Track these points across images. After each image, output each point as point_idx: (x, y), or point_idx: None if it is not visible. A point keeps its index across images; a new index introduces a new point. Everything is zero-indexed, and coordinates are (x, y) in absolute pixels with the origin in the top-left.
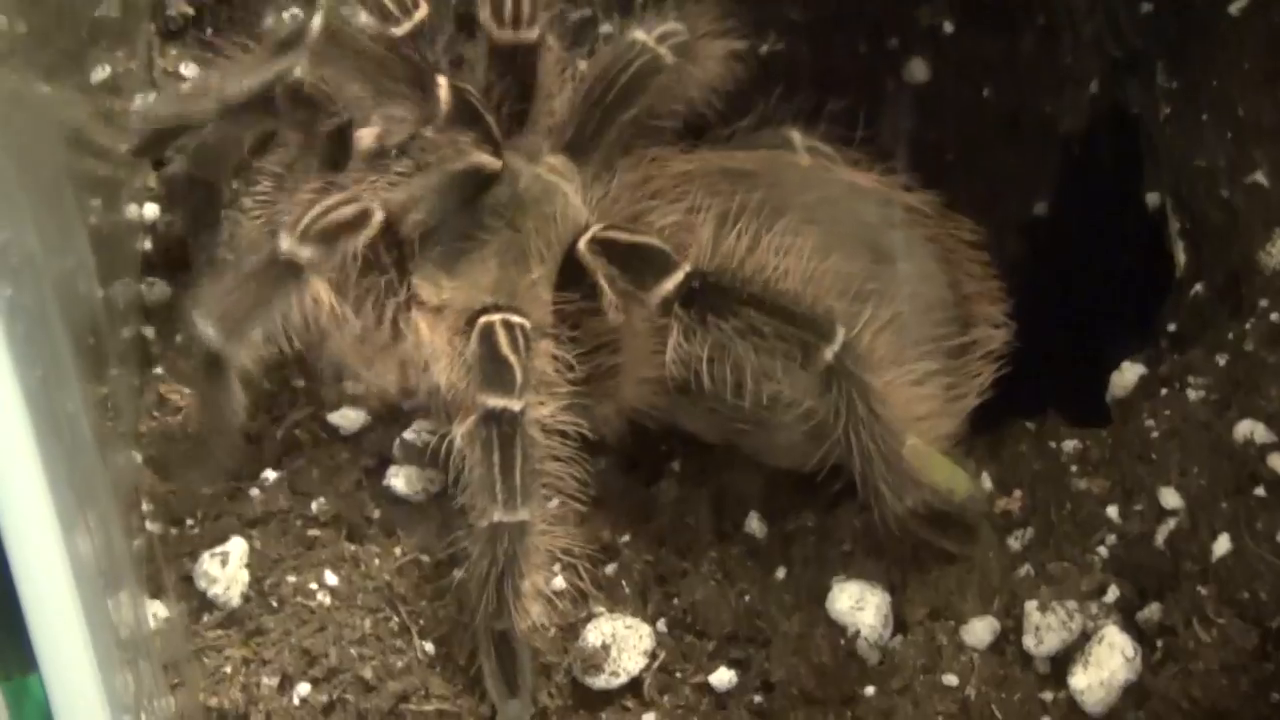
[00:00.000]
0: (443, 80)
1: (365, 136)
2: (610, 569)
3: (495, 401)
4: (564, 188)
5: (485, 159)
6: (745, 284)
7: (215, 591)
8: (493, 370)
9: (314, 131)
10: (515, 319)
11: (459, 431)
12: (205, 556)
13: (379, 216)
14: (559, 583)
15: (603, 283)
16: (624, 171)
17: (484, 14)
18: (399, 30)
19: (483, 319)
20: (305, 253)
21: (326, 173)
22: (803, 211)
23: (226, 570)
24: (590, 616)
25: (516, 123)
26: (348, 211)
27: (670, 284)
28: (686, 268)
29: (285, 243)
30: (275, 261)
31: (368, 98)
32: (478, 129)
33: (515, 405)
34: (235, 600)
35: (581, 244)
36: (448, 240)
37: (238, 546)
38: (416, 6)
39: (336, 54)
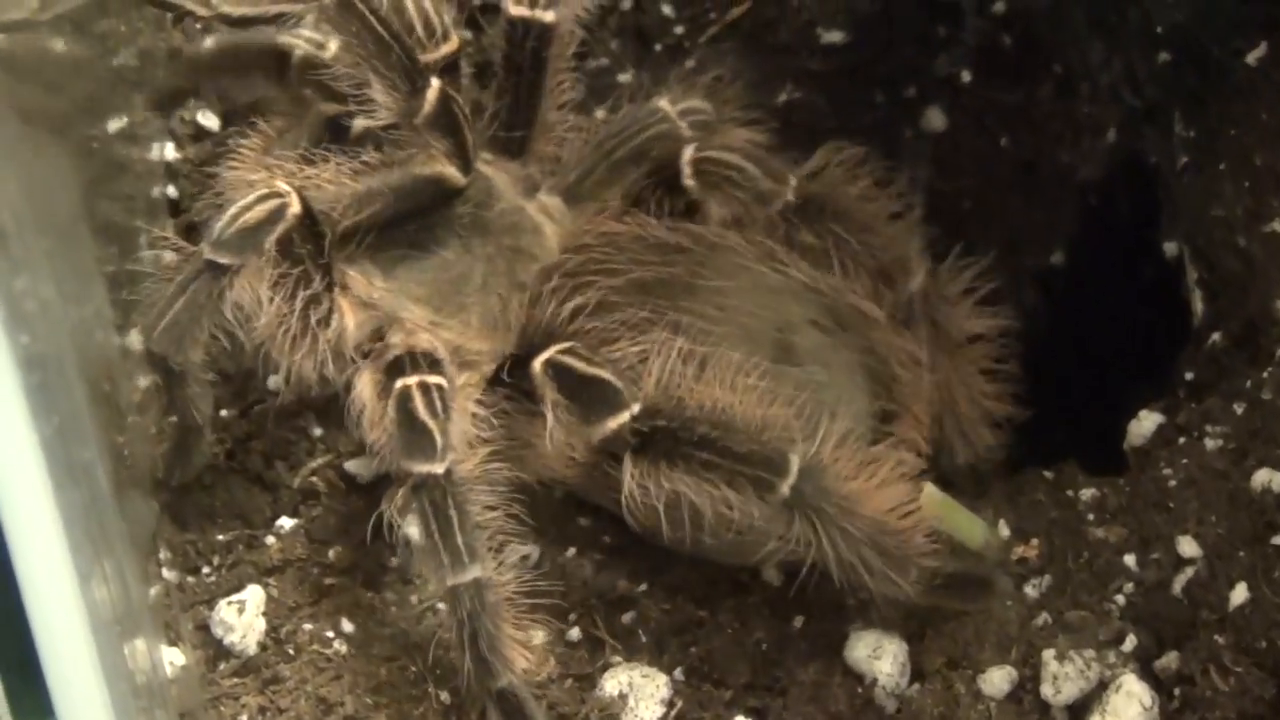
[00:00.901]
0: (435, 83)
1: (360, 123)
2: (627, 618)
3: (419, 468)
4: (546, 229)
5: (450, 171)
6: (694, 425)
7: (232, 639)
8: (411, 439)
9: (314, 110)
10: (431, 380)
11: (391, 507)
12: (222, 604)
13: (295, 209)
14: (575, 633)
15: (548, 408)
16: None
17: None
18: (427, 58)
19: (399, 383)
20: (224, 258)
21: (310, 149)
22: (736, 318)
23: (243, 618)
24: (607, 666)
25: (517, 146)
26: (262, 210)
27: (615, 423)
28: (635, 409)
29: (206, 250)
30: (200, 269)
31: (357, 73)
32: (453, 140)
33: (439, 469)
34: (252, 648)
35: (536, 364)
36: (394, 242)
37: (254, 594)
38: (447, 39)
39: (344, 19)
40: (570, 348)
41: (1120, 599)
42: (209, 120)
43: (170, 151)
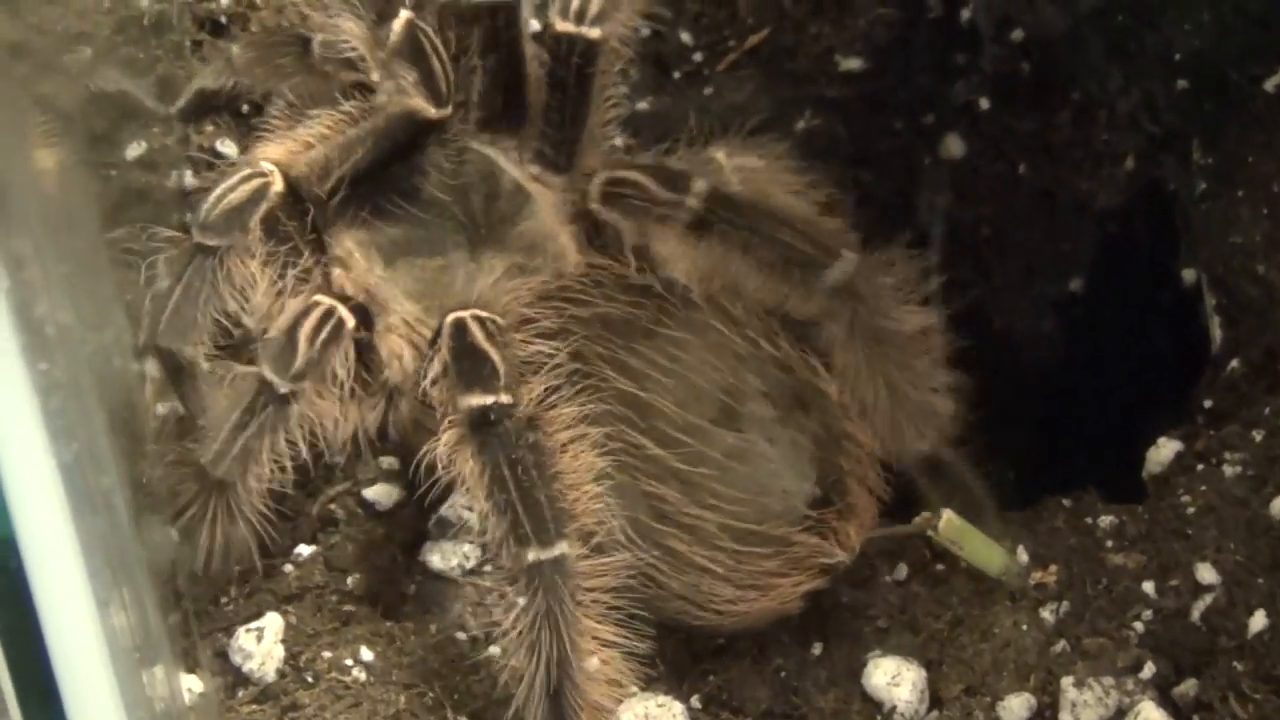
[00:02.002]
0: (404, 14)
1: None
2: (644, 647)
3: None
4: (569, 258)
5: (419, 104)
6: (530, 450)
7: (250, 667)
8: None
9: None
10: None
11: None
12: (240, 632)
13: (277, 187)
14: (593, 664)
15: (436, 364)
16: None
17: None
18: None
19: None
20: (212, 240)
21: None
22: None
23: (262, 645)
24: (624, 696)
25: (565, 162)
26: (245, 190)
27: (478, 401)
28: (502, 398)
29: (195, 234)
30: (189, 254)
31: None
32: (422, 70)
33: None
34: (270, 676)
35: (447, 319)
36: (389, 215)
37: (273, 622)
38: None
39: None
40: (482, 317)
41: (1139, 626)
42: (227, 148)
43: (189, 179)
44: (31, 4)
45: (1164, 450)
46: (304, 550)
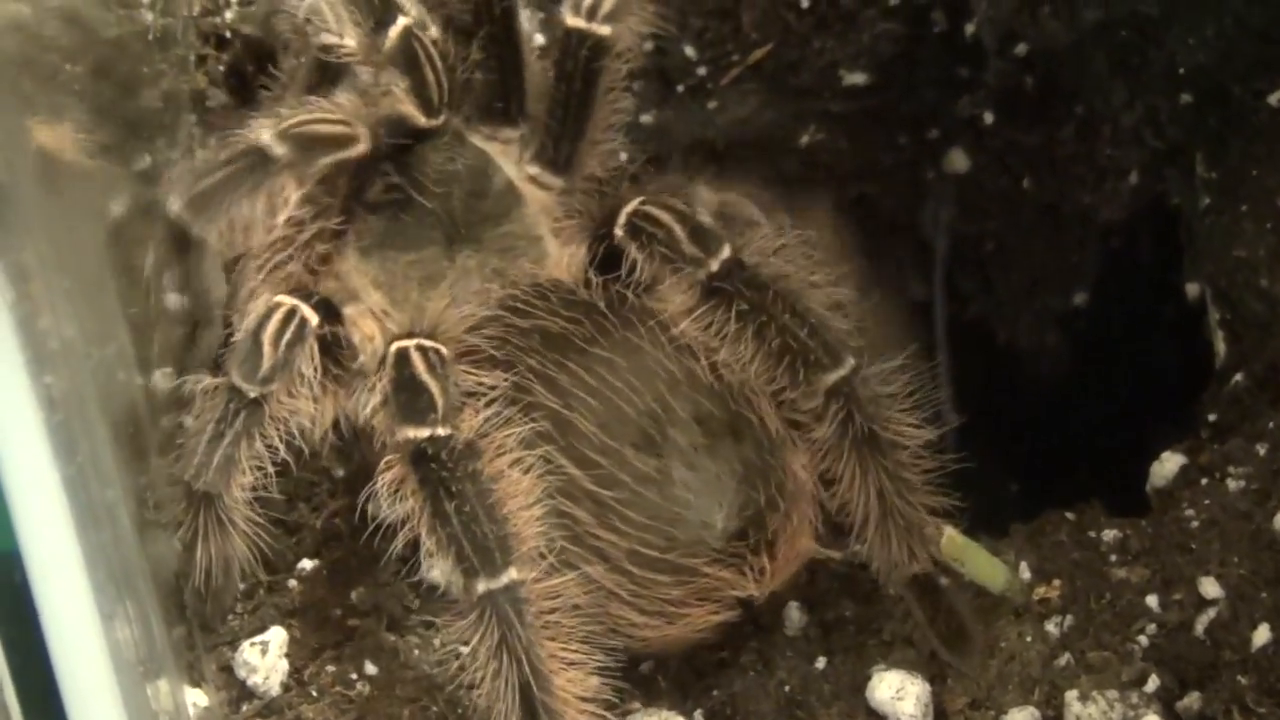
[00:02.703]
0: (402, 20)
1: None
2: (646, 665)
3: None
4: (550, 264)
5: (409, 110)
6: (470, 480)
7: (254, 680)
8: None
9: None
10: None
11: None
12: (245, 645)
13: (362, 147)
14: (593, 682)
15: (378, 393)
16: None
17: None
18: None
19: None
20: (280, 149)
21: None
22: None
23: (266, 659)
24: (627, 713)
25: (565, 161)
26: (333, 129)
27: (414, 434)
28: (438, 431)
29: (266, 135)
30: (252, 150)
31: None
32: (415, 79)
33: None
34: (275, 689)
35: (392, 348)
36: (377, 209)
37: (277, 636)
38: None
39: None
40: (425, 347)
41: (1143, 640)
42: None
43: None
44: (38, 19)
45: (1168, 464)
46: (307, 564)
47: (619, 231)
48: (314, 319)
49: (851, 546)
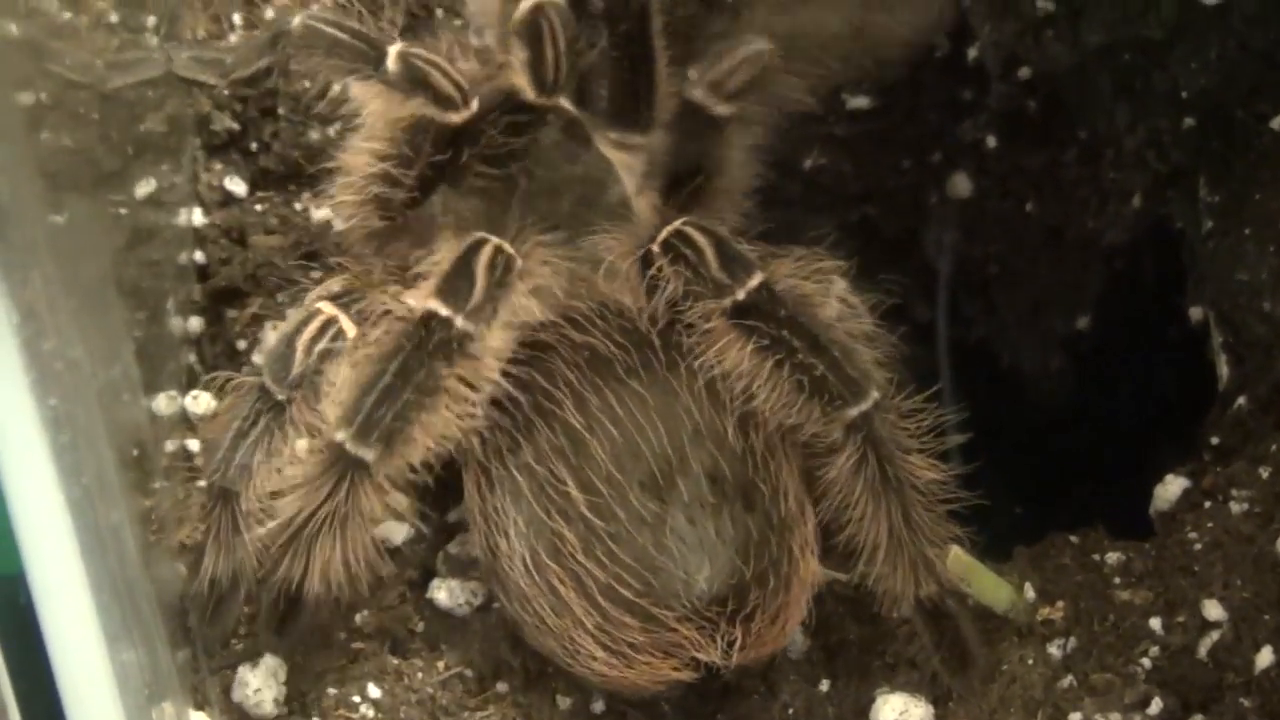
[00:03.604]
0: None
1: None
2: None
3: (442, 309)
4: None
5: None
6: (433, 376)
7: (257, 704)
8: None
9: None
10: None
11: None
12: (248, 668)
13: (458, 118)
14: (599, 705)
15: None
16: None
17: None
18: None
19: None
20: (394, 67)
21: None
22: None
23: (269, 683)
24: None
25: (645, 119)
26: (444, 85)
27: (434, 305)
28: (459, 322)
29: (390, 56)
30: (369, 42)
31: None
32: (534, 51)
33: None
34: (277, 712)
35: (474, 236)
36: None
37: (280, 659)
38: (468, 104)
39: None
40: (503, 249)
41: (1146, 662)
42: (236, 186)
43: (198, 217)
44: (40, 43)
45: (1171, 487)
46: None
47: (655, 248)
48: (351, 331)
49: (857, 570)
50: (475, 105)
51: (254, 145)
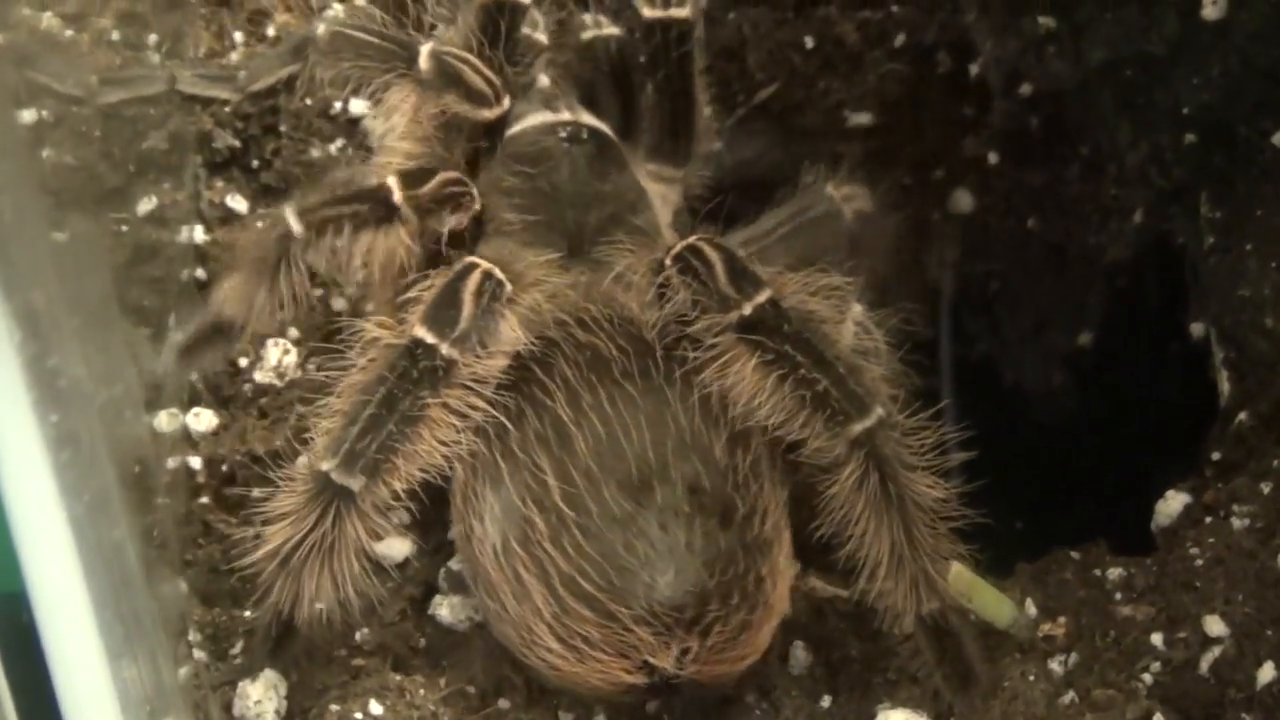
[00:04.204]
0: (426, 47)
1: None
2: (651, 706)
3: (427, 336)
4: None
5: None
6: (417, 402)
7: (259, 719)
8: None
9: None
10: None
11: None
12: (249, 685)
13: (489, 114)
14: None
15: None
16: None
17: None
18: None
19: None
20: (426, 65)
21: None
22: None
23: (271, 699)
24: None
25: (683, 153)
26: (475, 81)
27: (420, 333)
28: (444, 349)
29: (422, 55)
30: (400, 50)
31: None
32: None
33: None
34: None
35: (465, 259)
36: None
37: (282, 675)
38: (500, 101)
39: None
40: (492, 274)
41: (1147, 678)
42: (238, 203)
43: (200, 234)
44: (43, 60)
45: (1173, 503)
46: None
47: (668, 261)
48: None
49: (858, 587)
50: (507, 102)
51: (255, 162)
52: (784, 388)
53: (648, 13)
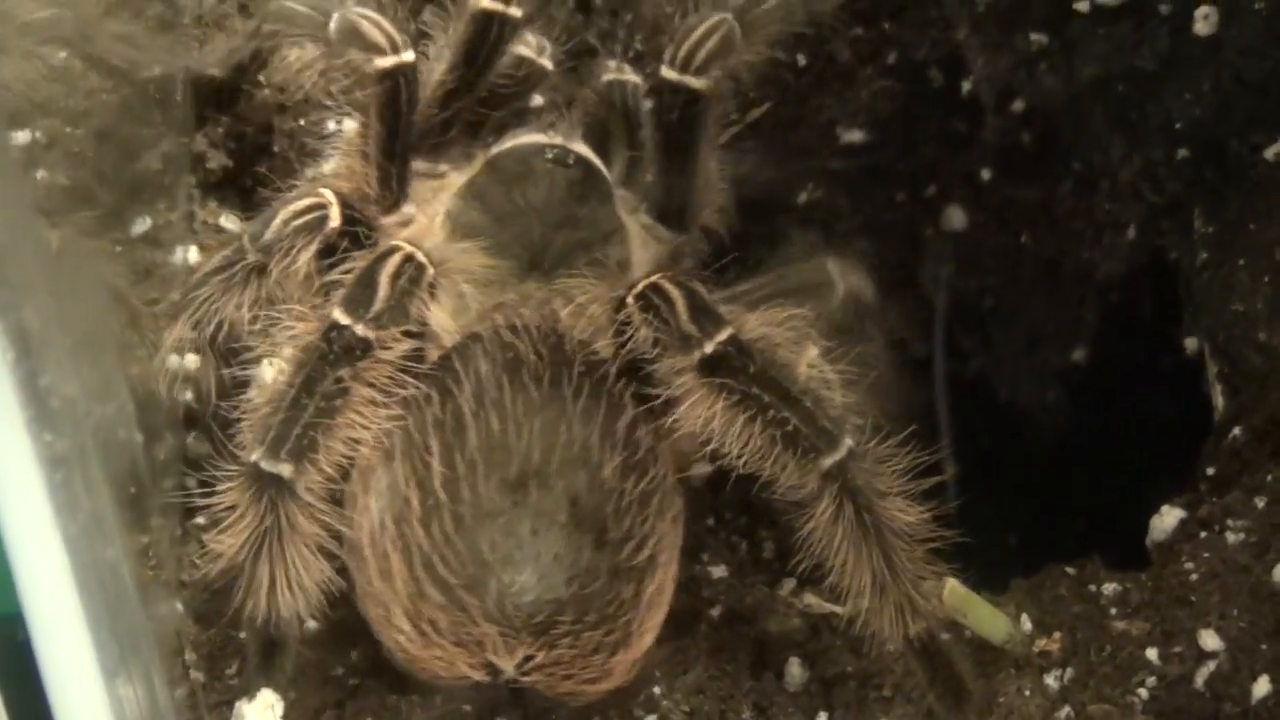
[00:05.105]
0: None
1: None
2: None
3: (342, 318)
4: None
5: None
6: (335, 382)
7: None
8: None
9: None
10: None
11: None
12: (246, 705)
13: (396, 58)
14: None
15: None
16: None
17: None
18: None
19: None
20: (333, 26)
21: None
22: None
23: (266, 718)
24: None
25: (678, 218)
26: (374, 30)
27: (337, 315)
28: (358, 329)
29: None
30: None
31: None
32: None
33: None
34: None
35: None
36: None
37: (277, 695)
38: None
39: None
40: (410, 257)
41: (1143, 692)
42: (231, 223)
43: (194, 254)
44: (37, 82)
45: (1167, 518)
46: (310, 624)
47: (630, 299)
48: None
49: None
50: (409, 54)
51: (249, 182)
52: (754, 427)
53: (666, 72)
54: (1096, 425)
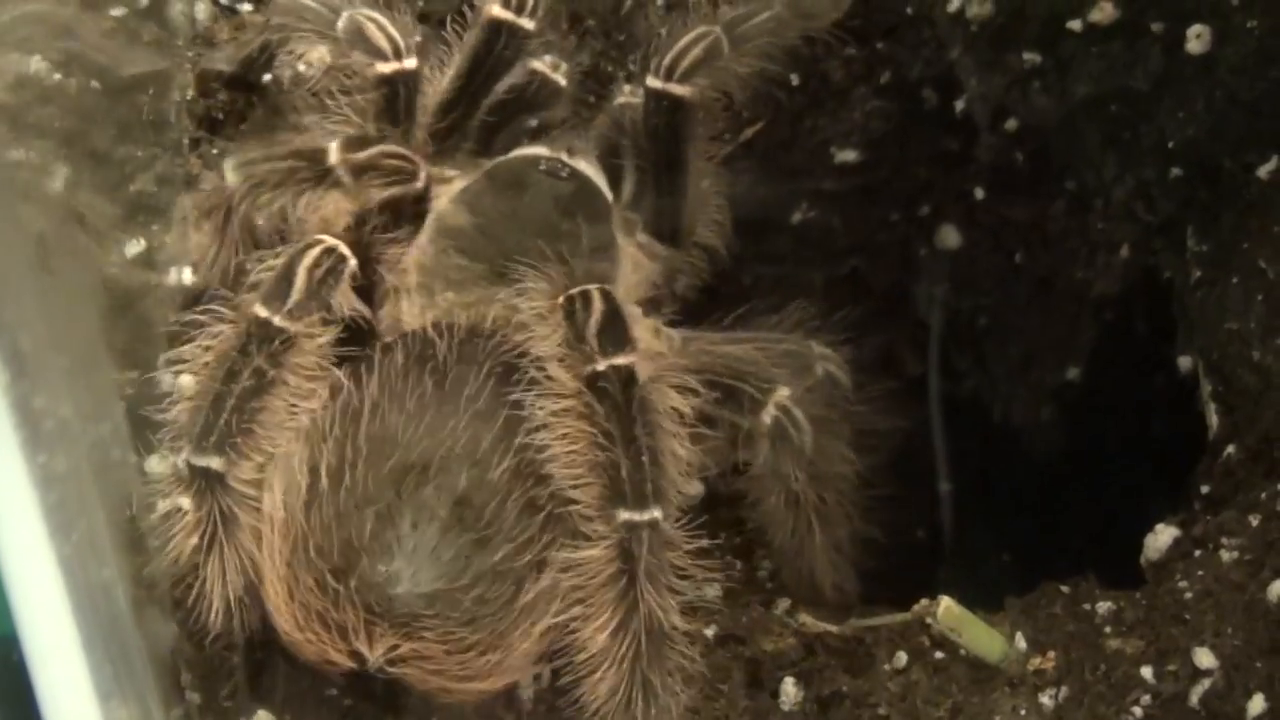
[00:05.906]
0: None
1: None
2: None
3: (260, 311)
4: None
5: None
6: (258, 376)
7: None
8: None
9: None
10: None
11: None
12: None
13: (398, 64)
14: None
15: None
16: None
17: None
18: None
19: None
20: (341, 24)
21: None
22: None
23: None
24: None
25: (671, 233)
26: (379, 34)
27: (258, 309)
28: (276, 320)
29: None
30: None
31: None
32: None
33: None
34: None
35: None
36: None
37: (271, 716)
38: (400, 58)
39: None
40: (334, 249)
41: (1138, 711)
42: None
43: (188, 276)
44: (30, 104)
45: (1162, 536)
46: None
47: (562, 299)
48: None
49: (849, 623)
50: (412, 61)
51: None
52: (591, 449)
53: (650, 81)
54: (1091, 444)
